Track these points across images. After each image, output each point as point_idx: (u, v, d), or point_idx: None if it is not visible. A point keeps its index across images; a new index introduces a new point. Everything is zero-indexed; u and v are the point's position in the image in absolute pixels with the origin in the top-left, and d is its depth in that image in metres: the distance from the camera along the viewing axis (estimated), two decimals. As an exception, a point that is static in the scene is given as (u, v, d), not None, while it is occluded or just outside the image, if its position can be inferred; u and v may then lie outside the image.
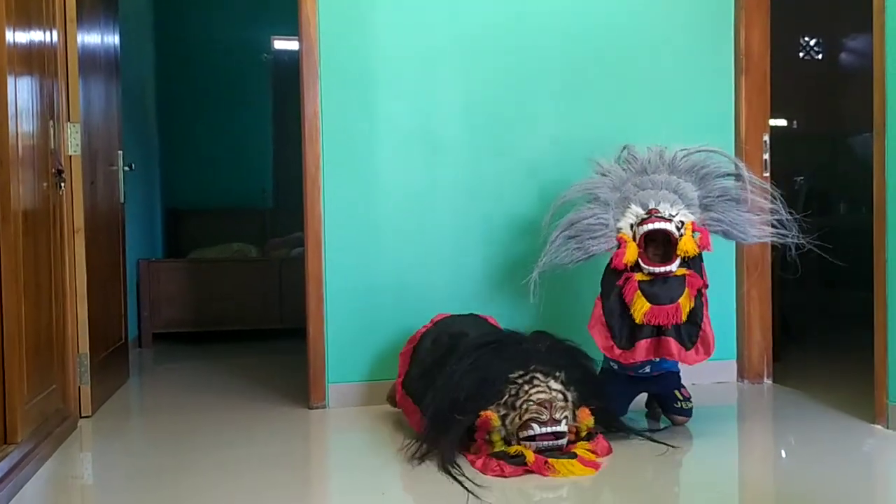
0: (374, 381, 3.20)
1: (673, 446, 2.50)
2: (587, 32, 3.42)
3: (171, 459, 2.52)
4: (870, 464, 2.53)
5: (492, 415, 2.42)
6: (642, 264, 2.59)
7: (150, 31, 6.05)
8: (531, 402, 2.40)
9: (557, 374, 2.51)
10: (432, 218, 3.28)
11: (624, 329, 2.59)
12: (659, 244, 2.65)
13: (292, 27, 3.37)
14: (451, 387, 2.51)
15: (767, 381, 3.51)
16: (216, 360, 4.43)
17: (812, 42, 6.94)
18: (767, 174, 3.51)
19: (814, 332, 5.08)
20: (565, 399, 2.47)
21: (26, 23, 2.51)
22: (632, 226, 2.67)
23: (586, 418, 2.49)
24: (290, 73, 6.46)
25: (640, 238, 2.63)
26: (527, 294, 3.32)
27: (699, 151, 2.79)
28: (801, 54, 6.95)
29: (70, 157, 3.03)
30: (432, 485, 2.27)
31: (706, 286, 2.68)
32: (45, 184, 2.67)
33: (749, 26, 3.49)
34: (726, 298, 3.55)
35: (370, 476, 2.36)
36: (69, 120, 3.03)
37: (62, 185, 2.89)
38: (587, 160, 2.96)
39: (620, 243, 2.66)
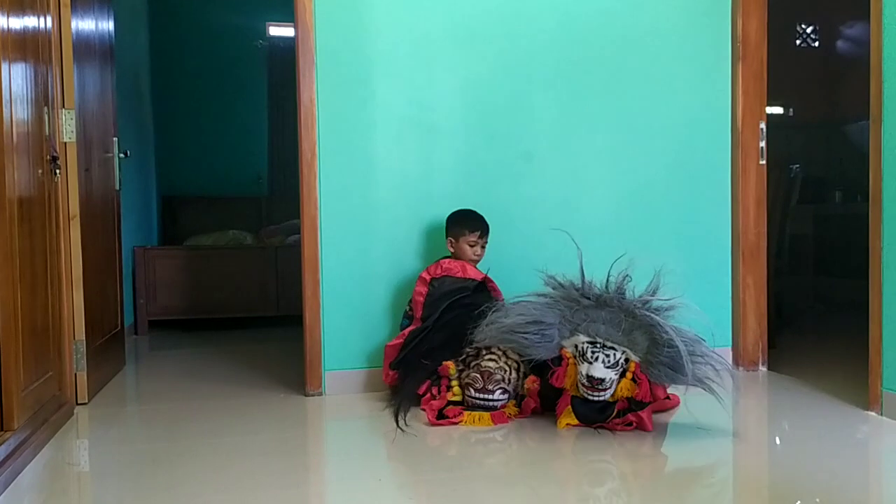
0: (371, 368, 3.21)
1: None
2: (584, 19, 3.41)
3: (167, 446, 2.52)
4: (864, 450, 2.54)
5: (451, 365, 2.84)
6: (580, 388, 2.59)
7: (144, 17, 6.02)
8: (479, 367, 2.75)
9: None
10: (428, 204, 3.28)
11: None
12: None
13: (288, 13, 3.35)
14: (426, 337, 2.95)
15: (762, 368, 3.52)
16: (212, 348, 4.44)
17: (809, 30, 6.94)
18: (764, 161, 3.52)
19: (808, 319, 5.10)
20: (518, 369, 2.78)
21: (20, 8, 2.49)
22: (576, 346, 2.61)
23: (532, 384, 2.76)
24: (285, 60, 6.48)
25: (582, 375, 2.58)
26: (521, 279, 3.33)
27: (660, 312, 2.54)
28: (797, 42, 6.94)
29: (65, 143, 3.02)
30: (430, 472, 2.28)
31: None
32: (40, 171, 2.66)
33: (746, 14, 3.48)
34: (721, 286, 3.56)
35: (367, 462, 2.37)
36: (64, 106, 3.02)
37: (57, 172, 2.88)
38: (538, 272, 2.80)
39: (563, 357, 2.64)
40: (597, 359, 2.54)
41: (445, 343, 2.92)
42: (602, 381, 2.52)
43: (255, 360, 3.98)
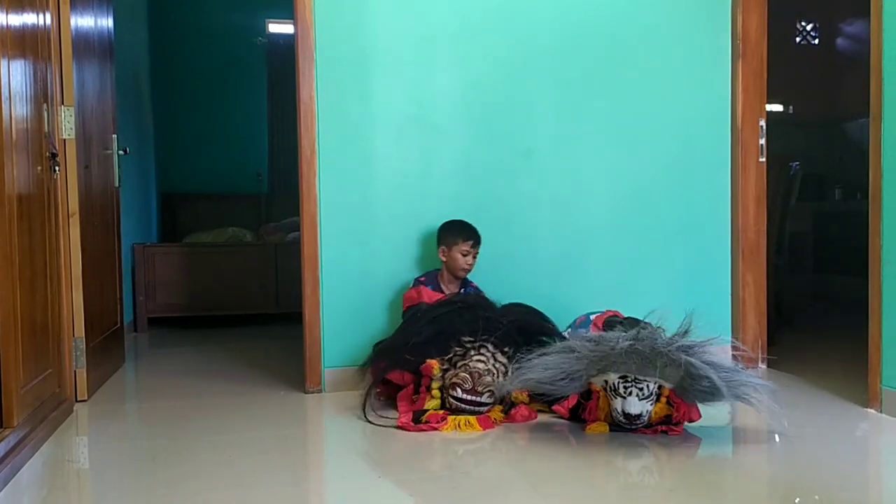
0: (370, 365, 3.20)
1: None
2: (584, 17, 3.41)
3: (166, 443, 2.52)
4: (863, 448, 2.55)
5: (435, 364, 2.71)
6: (616, 420, 2.54)
7: (144, 13, 6.02)
8: (467, 368, 2.66)
9: (507, 349, 2.75)
10: (427, 202, 3.28)
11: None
12: None
13: (288, 10, 3.35)
14: (410, 331, 2.81)
15: (762, 366, 3.53)
16: (211, 345, 4.44)
17: (809, 27, 6.93)
18: (763, 159, 3.52)
19: (808, 317, 5.10)
20: (506, 373, 2.69)
21: (19, 5, 2.48)
22: (606, 381, 2.51)
23: (520, 394, 2.69)
24: (285, 57, 6.47)
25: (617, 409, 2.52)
26: (519, 278, 3.33)
27: (692, 350, 2.44)
28: (797, 39, 6.94)
29: (64, 140, 3.02)
30: (430, 469, 2.29)
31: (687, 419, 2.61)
32: (39, 168, 2.66)
33: (746, 11, 3.48)
34: (721, 283, 3.56)
35: (365, 460, 2.37)
36: (63, 103, 3.01)
37: (56, 168, 2.87)
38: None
39: (592, 392, 2.57)
40: (630, 393, 2.46)
41: (432, 339, 2.77)
42: (639, 416, 2.47)
43: (254, 358, 3.98)
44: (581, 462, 2.33)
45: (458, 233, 3.16)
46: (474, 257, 3.17)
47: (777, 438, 2.58)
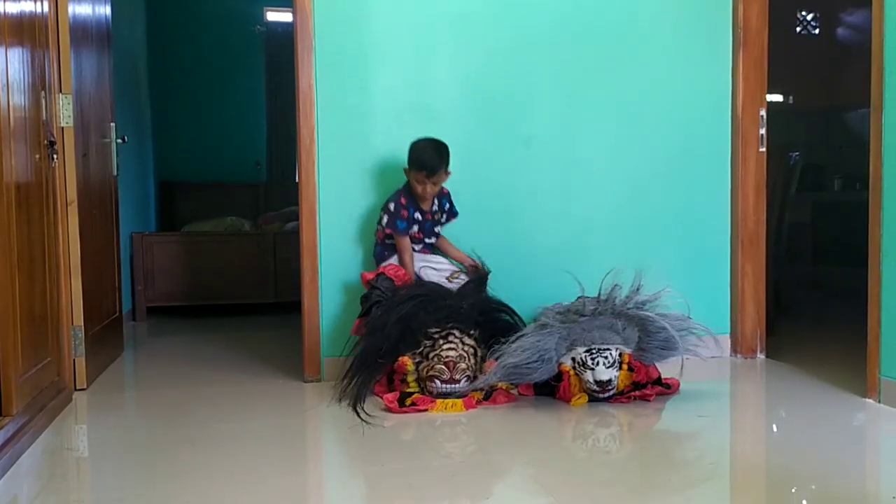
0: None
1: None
2: (585, 6, 3.39)
3: (165, 432, 2.53)
4: (861, 437, 2.55)
5: (407, 360, 2.80)
6: (589, 393, 2.74)
7: (142, 1, 5.99)
8: (440, 357, 2.75)
9: (472, 331, 2.85)
10: (427, 192, 3.27)
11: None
12: None
13: (286, -2, 3.34)
14: (378, 334, 2.84)
15: (760, 356, 3.53)
16: (210, 334, 4.44)
17: (809, 17, 6.91)
18: (764, 149, 3.51)
19: (807, 307, 5.11)
20: (475, 354, 2.82)
21: (16, -8, 2.47)
22: (573, 359, 2.73)
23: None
24: (284, 45, 6.45)
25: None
26: (518, 267, 3.33)
27: (645, 305, 2.78)
28: (798, 29, 6.92)
29: (62, 129, 3.01)
30: (430, 458, 2.29)
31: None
32: (37, 156, 2.65)
33: (747, 1, 3.46)
34: (720, 273, 3.56)
35: (367, 449, 2.37)
36: (61, 91, 3.00)
37: (55, 157, 2.86)
38: (537, 309, 3.02)
39: (562, 373, 2.74)
40: (598, 363, 2.69)
41: (399, 338, 2.84)
42: (609, 381, 2.69)
43: (253, 347, 3.98)
44: (576, 446, 2.34)
45: (415, 162, 3.05)
46: (434, 185, 3.08)
47: (775, 428, 2.58)
